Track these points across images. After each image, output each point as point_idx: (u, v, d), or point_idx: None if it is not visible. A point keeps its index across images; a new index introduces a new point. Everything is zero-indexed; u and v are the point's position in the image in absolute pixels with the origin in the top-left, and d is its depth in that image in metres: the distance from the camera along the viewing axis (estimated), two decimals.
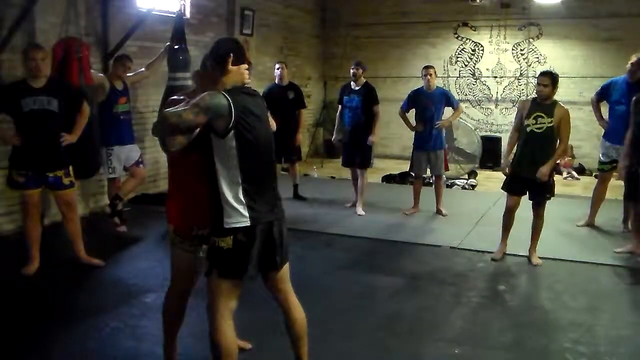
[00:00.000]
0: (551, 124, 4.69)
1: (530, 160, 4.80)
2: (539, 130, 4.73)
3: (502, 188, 5.13)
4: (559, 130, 4.71)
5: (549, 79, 4.71)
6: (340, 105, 6.95)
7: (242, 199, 2.49)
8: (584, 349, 3.41)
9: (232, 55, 2.55)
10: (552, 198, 4.96)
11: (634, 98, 5.02)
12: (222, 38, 2.77)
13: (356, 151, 6.67)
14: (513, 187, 4.98)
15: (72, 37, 5.43)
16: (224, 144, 2.46)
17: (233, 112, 2.43)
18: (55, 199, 4.64)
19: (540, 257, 5.03)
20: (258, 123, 2.56)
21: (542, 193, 4.86)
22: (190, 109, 2.38)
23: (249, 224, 2.50)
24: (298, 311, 2.80)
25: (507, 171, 5.02)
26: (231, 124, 2.43)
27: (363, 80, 6.69)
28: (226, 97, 2.44)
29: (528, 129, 4.79)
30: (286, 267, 2.77)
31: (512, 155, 5.10)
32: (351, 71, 6.73)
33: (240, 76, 2.58)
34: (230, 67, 2.55)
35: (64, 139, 4.48)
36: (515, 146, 5.00)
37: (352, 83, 6.74)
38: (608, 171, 5.86)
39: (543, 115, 4.72)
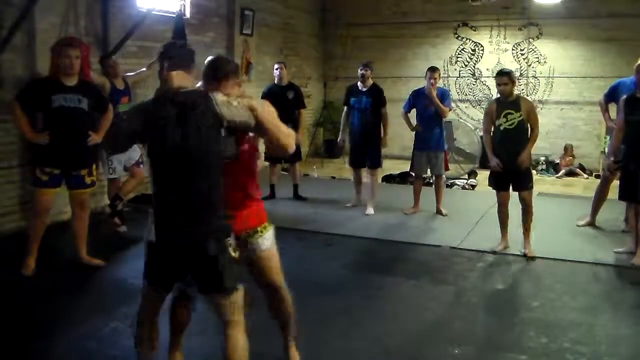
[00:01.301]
0: (521, 117, 5.03)
1: (508, 156, 5.06)
2: (511, 127, 5.05)
3: (489, 185, 5.38)
4: (530, 121, 5.08)
5: (507, 77, 5.08)
6: (346, 107, 6.90)
7: (154, 213, 2.44)
8: (584, 349, 3.41)
9: (166, 62, 2.51)
10: (533, 187, 5.27)
11: (624, 97, 5.14)
12: (167, 44, 2.68)
13: (366, 152, 6.69)
14: (499, 183, 5.23)
15: (72, 37, 5.43)
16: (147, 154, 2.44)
17: (139, 122, 2.40)
18: (71, 197, 4.64)
19: (540, 257, 5.06)
20: (173, 134, 2.34)
21: (523, 183, 5.13)
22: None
23: (153, 240, 2.43)
24: (237, 354, 2.44)
25: (499, 167, 5.12)
26: (143, 134, 2.41)
27: (371, 81, 6.67)
28: (140, 107, 2.45)
29: (501, 128, 5.10)
30: (231, 301, 2.43)
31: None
32: (360, 72, 6.68)
33: (165, 83, 2.47)
34: (165, 72, 2.50)
35: (91, 138, 4.52)
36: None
37: (359, 84, 6.71)
38: (613, 171, 5.86)
39: (512, 111, 5.04)
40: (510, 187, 5.21)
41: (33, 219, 4.57)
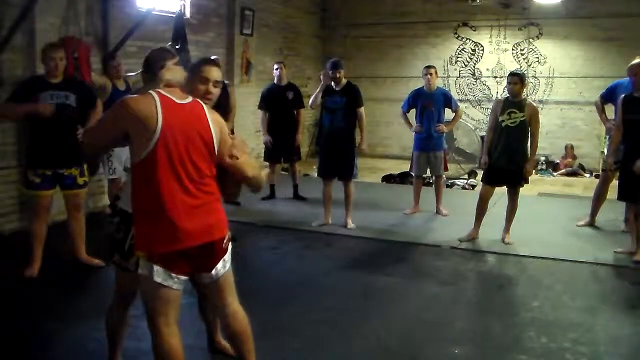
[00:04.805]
0: (523, 118, 5.24)
1: (506, 152, 5.27)
2: (513, 125, 5.26)
3: (482, 180, 5.61)
4: (531, 125, 5.28)
5: (518, 78, 5.33)
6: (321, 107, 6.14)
7: None
8: (584, 349, 3.41)
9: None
10: (525, 185, 5.50)
11: (622, 97, 5.18)
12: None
13: (337, 160, 5.93)
14: (492, 179, 5.44)
15: (71, 36, 5.44)
16: None
17: None
18: (65, 198, 4.62)
19: (540, 257, 5.09)
20: None
21: (519, 180, 5.37)
22: None
23: None
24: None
25: (486, 165, 5.44)
26: None
27: (345, 81, 5.91)
28: None
29: (503, 124, 5.29)
30: None
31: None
32: (330, 74, 5.81)
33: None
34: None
35: (80, 132, 4.47)
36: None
37: (333, 85, 5.89)
38: (613, 171, 5.86)
39: (516, 110, 5.26)
40: (502, 184, 5.42)
41: (32, 223, 4.54)
